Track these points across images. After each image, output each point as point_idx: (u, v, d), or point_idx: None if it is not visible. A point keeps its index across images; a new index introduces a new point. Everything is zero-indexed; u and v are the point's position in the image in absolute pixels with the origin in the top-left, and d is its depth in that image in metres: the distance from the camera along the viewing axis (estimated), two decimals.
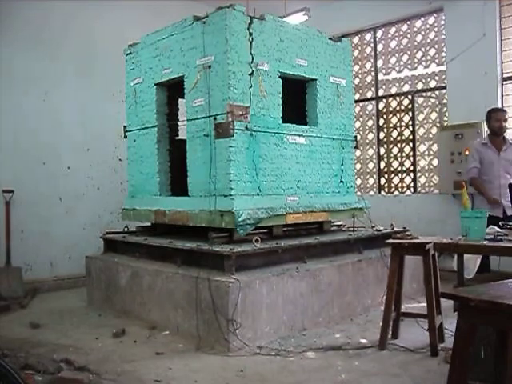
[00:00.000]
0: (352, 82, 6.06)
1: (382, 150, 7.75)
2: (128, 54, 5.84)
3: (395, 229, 5.63)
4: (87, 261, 5.69)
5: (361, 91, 8.01)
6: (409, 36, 7.40)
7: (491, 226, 3.92)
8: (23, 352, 3.72)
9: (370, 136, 7.99)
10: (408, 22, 7.38)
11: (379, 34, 7.74)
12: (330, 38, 5.63)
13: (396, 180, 7.63)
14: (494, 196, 5.11)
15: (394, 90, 7.64)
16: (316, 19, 7.10)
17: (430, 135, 7.25)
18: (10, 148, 6.11)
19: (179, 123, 5.69)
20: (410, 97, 7.38)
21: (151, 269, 4.77)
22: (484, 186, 5.21)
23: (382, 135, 7.77)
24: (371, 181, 8.01)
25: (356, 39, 8.03)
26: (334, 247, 5.13)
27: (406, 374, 3.42)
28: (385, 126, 7.72)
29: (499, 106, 6.26)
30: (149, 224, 5.74)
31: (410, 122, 7.38)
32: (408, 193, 7.42)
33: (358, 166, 7.99)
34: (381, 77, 7.77)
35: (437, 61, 7.10)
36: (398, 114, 7.57)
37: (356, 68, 7.88)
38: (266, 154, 4.88)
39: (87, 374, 3.34)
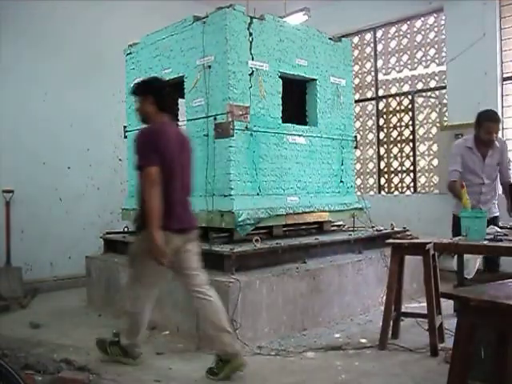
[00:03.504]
0: (352, 82, 6.07)
1: (382, 150, 7.75)
2: (128, 54, 5.84)
3: (395, 229, 5.63)
4: (87, 261, 5.69)
5: (361, 91, 8.01)
6: (409, 36, 7.40)
7: (491, 226, 3.92)
8: (23, 352, 3.71)
9: (370, 136, 7.98)
10: (408, 22, 7.37)
11: (379, 34, 7.74)
12: (330, 38, 5.64)
13: (396, 180, 7.63)
14: (473, 202, 4.46)
15: (394, 90, 7.63)
16: (316, 19, 7.09)
17: (430, 135, 7.25)
18: (10, 148, 6.10)
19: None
20: (410, 97, 7.37)
21: None
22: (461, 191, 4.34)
23: (382, 135, 7.76)
24: (371, 181, 8.01)
25: (356, 39, 8.03)
26: (334, 247, 5.13)
27: (406, 373, 3.42)
28: (385, 125, 7.72)
29: (499, 106, 6.25)
30: None
31: (410, 122, 7.38)
32: (408, 193, 7.42)
33: (358, 166, 7.99)
34: (381, 77, 7.76)
35: (437, 61, 7.09)
36: (398, 114, 7.56)
37: (356, 68, 7.87)
38: (266, 154, 4.88)
39: (87, 374, 3.34)
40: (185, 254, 3.45)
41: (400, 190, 7.56)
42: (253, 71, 4.77)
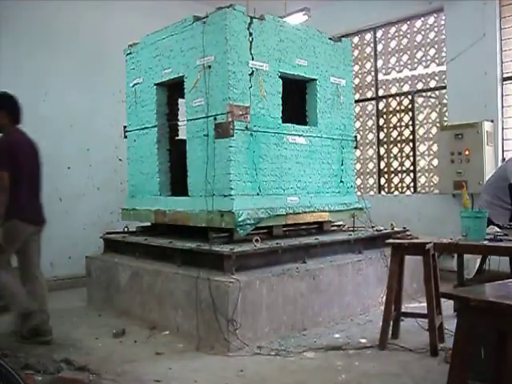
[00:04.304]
0: (352, 82, 6.06)
1: (382, 150, 7.75)
2: (128, 54, 5.84)
3: (395, 229, 5.63)
4: (87, 261, 5.69)
5: (361, 91, 8.01)
6: (409, 36, 7.40)
7: (491, 226, 3.92)
8: (23, 352, 3.72)
9: (370, 136, 7.98)
10: (408, 22, 7.37)
11: (379, 34, 7.74)
12: (330, 38, 5.64)
13: (396, 180, 7.63)
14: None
15: (394, 90, 7.63)
16: (316, 19, 7.09)
17: (430, 135, 7.25)
18: None
19: (179, 123, 5.69)
20: (410, 97, 7.37)
21: (151, 269, 4.77)
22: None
23: (382, 135, 7.76)
24: (371, 181, 8.01)
25: (356, 39, 8.03)
26: (334, 247, 5.13)
27: (406, 374, 3.42)
28: (385, 125, 7.72)
29: (499, 106, 6.26)
30: (149, 224, 5.74)
31: (410, 122, 7.38)
32: (408, 193, 7.42)
33: (358, 165, 7.99)
34: (381, 77, 7.76)
35: (437, 61, 7.09)
36: (398, 114, 7.56)
37: (356, 68, 7.87)
38: (266, 154, 4.88)
39: (87, 374, 3.34)
40: (33, 242, 4.33)
41: (400, 190, 7.56)
42: (253, 71, 4.77)
